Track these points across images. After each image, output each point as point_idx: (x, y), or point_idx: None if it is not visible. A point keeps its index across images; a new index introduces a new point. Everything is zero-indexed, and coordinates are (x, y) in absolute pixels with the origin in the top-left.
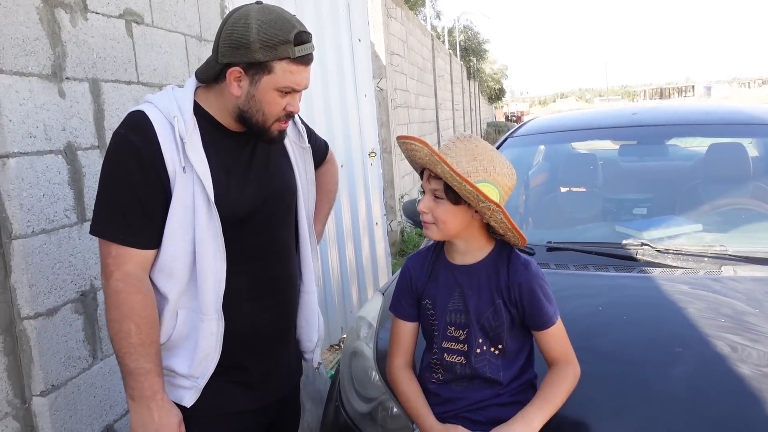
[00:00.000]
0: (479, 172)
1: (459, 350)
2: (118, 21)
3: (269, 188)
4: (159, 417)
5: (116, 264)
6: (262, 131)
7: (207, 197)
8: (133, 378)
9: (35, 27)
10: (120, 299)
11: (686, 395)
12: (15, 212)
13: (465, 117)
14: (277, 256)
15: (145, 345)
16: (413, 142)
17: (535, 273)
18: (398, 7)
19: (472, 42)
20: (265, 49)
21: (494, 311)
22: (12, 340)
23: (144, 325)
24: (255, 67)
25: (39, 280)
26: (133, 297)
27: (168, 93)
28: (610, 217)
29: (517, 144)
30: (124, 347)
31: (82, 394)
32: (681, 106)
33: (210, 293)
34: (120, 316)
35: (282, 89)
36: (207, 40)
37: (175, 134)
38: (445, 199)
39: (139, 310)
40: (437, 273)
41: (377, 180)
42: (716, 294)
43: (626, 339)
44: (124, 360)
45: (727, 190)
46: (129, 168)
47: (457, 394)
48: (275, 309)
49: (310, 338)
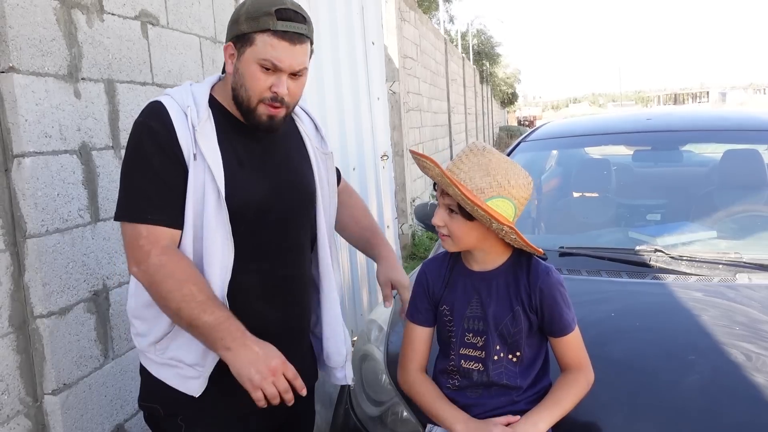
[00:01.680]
0: (493, 187)
1: (476, 357)
2: (133, 22)
3: (284, 185)
4: (260, 348)
5: (151, 243)
6: (248, 113)
7: (216, 187)
8: (217, 329)
9: (52, 27)
10: (169, 269)
11: (700, 404)
12: (29, 211)
13: (477, 121)
14: (290, 254)
15: (213, 298)
16: (425, 161)
17: (556, 279)
18: (412, 10)
19: (485, 46)
20: (249, 20)
21: (513, 318)
22: (25, 338)
23: (203, 284)
24: (241, 40)
25: (52, 279)
26: (182, 262)
27: (185, 86)
28: (624, 223)
29: (530, 149)
30: (195, 308)
31: (93, 393)
32: (696, 112)
33: (216, 282)
34: (176, 283)
35: (262, 62)
36: (221, 42)
37: (188, 123)
38: (458, 214)
39: (193, 273)
40: (455, 280)
41: (389, 183)
42: (731, 302)
43: (639, 346)
44: (201, 319)
45: (742, 196)
46: (149, 151)
47: (473, 401)
48: (286, 309)
49: (338, 351)
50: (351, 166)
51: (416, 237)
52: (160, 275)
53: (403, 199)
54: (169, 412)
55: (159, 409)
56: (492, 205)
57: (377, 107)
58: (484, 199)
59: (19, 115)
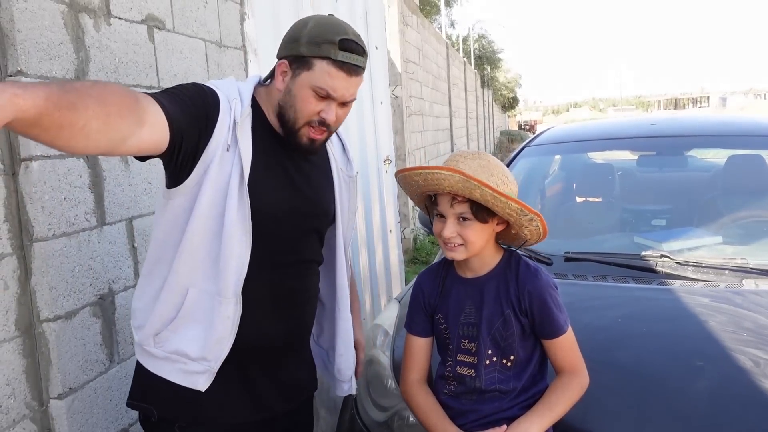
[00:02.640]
0: (499, 186)
1: (470, 363)
2: (140, 26)
3: (302, 199)
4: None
5: (146, 98)
6: (291, 133)
7: (242, 177)
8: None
9: (60, 31)
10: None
11: (708, 410)
12: (36, 215)
13: (478, 125)
14: (298, 268)
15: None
16: (440, 171)
17: (545, 281)
18: (414, 15)
19: (486, 50)
20: (310, 44)
21: (504, 322)
22: (31, 342)
23: (100, 109)
24: (298, 61)
25: (59, 282)
26: (124, 90)
27: (231, 80)
28: (629, 228)
29: (534, 153)
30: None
31: (98, 397)
32: (700, 117)
33: (232, 276)
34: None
35: (317, 89)
36: (226, 47)
37: (230, 114)
38: (473, 220)
39: (116, 97)
40: (448, 288)
41: (392, 187)
42: (738, 307)
43: (646, 352)
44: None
45: (747, 202)
46: (188, 89)
47: (468, 407)
48: (289, 321)
49: (349, 366)
50: (354, 170)
51: (418, 241)
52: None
53: (405, 203)
54: (163, 415)
55: (153, 410)
56: None
57: (380, 111)
58: None
59: None
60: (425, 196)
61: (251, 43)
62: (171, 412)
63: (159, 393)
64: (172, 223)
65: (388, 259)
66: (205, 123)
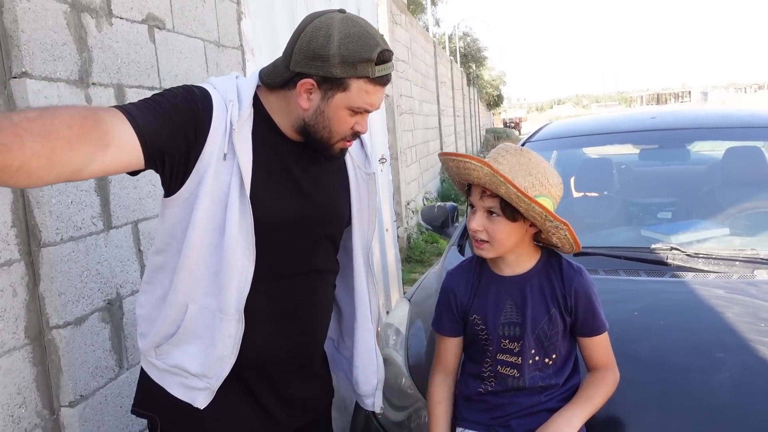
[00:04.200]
0: (535, 186)
1: (513, 363)
2: (141, 26)
3: (312, 206)
4: None
5: (110, 112)
6: (324, 148)
7: (242, 189)
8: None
9: (63, 32)
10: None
11: (732, 401)
12: (44, 219)
13: (465, 123)
14: (306, 280)
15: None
16: (471, 161)
17: (589, 279)
18: (402, 13)
19: (471, 48)
20: (345, 65)
21: (549, 320)
22: (41, 350)
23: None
24: (330, 81)
25: (68, 288)
26: (80, 115)
27: (231, 78)
28: (636, 222)
29: (535, 149)
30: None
31: (109, 404)
32: (700, 110)
33: (233, 293)
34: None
35: (354, 108)
36: (225, 46)
37: (226, 118)
38: (501, 216)
39: (64, 128)
40: (484, 287)
41: (387, 186)
42: (753, 298)
43: (666, 345)
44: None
45: (749, 193)
46: (176, 96)
47: (507, 400)
48: (296, 336)
49: (367, 380)
50: (372, 167)
51: (412, 240)
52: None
53: (398, 202)
54: (167, 427)
55: (156, 419)
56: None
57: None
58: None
59: None
60: (464, 185)
61: (248, 42)
62: (174, 426)
63: (162, 403)
64: (170, 234)
65: (386, 258)
66: (194, 132)
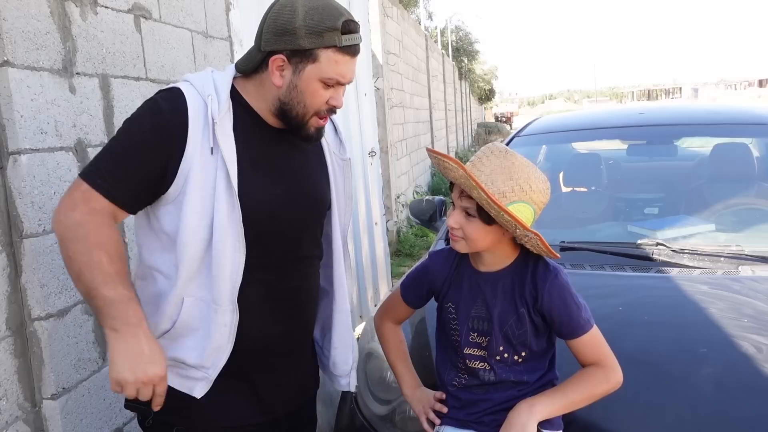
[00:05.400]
0: (515, 191)
1: (481, 356)
2: (126, 16)
3: (298, 193)
4: (149, 349)
5: (84, 199)
6: (299, 126)
7: (229, 182)
8: (114, 307)
9: (46, 20)
10: (86, 230)
11: (714, 396)
12: (26, 210)
13: (457, 117)
14: (297, 267)
15: (122, 275)
16: (447, 161)
17: (564, 281)
18: (394, 6)
19: (463, 42)
20: (311, 35)
21: (518, 319)
22: (22, 341)
23: (117, 258)
24: (299, 54)
25: (50, 280)
26: (102, 230)
27: (206, 73)
28: (622, 217)
29: (524, 143)
30: (98, 277)
31: (92, 396)
32: (688, 106)
33: (226, 284)
34: (88, 246)
35: (326, 80)
36: (213, 37)
37: (207, 113)
38: (476, 218)
39: (110, 243)
40: (461, 278)
41: (377, 180)
42: (737, 294)
43: (649, 340)
44: (100, 291)
45: (736, 190)
46: (143, 126)
47: (479, 397)
48: (289, 322)
49: (345, 360)
50: (347, 153)
51: (401, 234)
52: (74, 232)
53: (388, 195)
54: (161, 418)
55: (150, 412)
56: (513, 210)
57: (364, 103)
58: (505, 203)
59: (14, 111)
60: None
61: (237, 33)
62: (168, 414)
63: None
64: (162, 233)
65: (375, 251)
66: (170, 146)
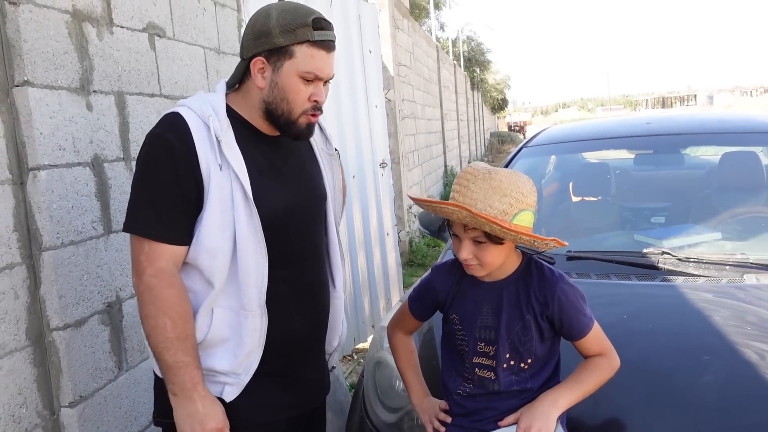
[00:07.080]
0: (513, 205)
1: (488, 365)
2: (141, 34)
3: (303, 193)
4: (203, 406)
5: (149, 260)
6: (288, 124)
7: (245, 194)
8: (173, 372)
9: (64, 41)
10: (154, 294)
11: (717, 404)
12: (45, 224)
13: (469, 127)
14: (313, 261)
15: (182, 339)
16: (447, 207)
17: (568, 285)
18: (405, 18)
19: (475, 52)
20: (285, 33)
21: (523, 326)
22: (41, 351)
23: (179, 320)
24: (276, 53)
25: (68, 291)
26: (167, 291)
27: (200, 96)
28: (629, 226)
29: (532, 154)
30: (161, 342)
31: (108, 405)
32: (694, 115)
33: (253, 289)
34: (155, 311)
35: (304, 75)
36: (225, 53)
37: (210, 134)
38: (488, 243)
39: (173, 305)
40: (464, 290)
41: (388, 190)
42: (741, 302)
43: (653, 348)
44: (162, 356)
45: (744, 198)
46: (162, 165)
47: (484, 405)
48: (312, 316)
49: (330, 342)
50: (351, 174)
51: (413, 244)
52: (145, 297)
53: (400, 206)
54: None
55: None
56: (518, 222)
57: (375, 115)
58: (509, 219)
59: (34, 128)
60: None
61: None
62: None
63: None
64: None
65: (386, 262)
66: (194, 170)
